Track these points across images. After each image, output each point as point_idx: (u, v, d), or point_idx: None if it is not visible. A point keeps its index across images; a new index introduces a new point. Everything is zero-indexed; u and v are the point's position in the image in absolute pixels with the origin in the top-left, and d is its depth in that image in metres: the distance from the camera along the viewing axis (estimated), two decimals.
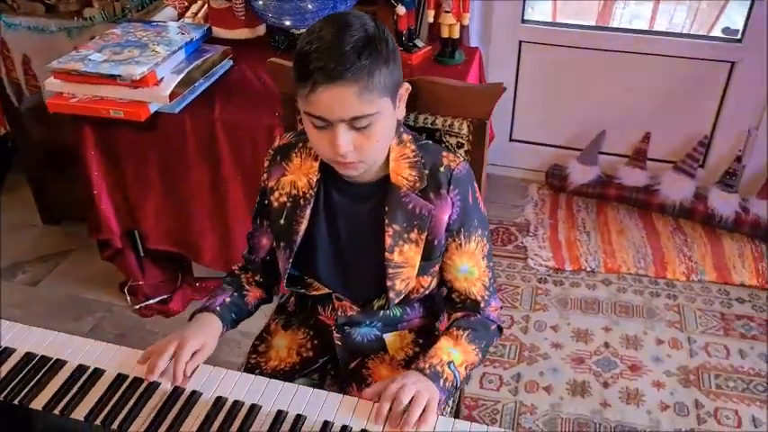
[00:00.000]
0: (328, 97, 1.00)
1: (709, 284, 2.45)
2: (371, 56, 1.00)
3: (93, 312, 2.38)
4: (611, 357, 2.17)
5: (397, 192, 1.16)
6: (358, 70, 0.99)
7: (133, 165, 2.04)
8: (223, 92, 2.01)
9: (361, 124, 1.04)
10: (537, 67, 2.75)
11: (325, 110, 1.02)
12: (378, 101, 1.03)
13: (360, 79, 1.00)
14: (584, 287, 2.45)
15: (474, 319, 1.24)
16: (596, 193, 2.82)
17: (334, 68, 0.98)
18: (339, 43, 0.99)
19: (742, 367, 2.13)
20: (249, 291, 1.33)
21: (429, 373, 1.11)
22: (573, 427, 1.96)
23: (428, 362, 1.14)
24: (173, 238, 2.16)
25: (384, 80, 1.03)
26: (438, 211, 1.16)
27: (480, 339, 1.22)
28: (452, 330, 1.21)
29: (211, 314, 1.22)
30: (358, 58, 0.99)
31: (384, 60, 1.02)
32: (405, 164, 1.16)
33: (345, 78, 0.99)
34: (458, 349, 1.18)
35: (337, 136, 1.03)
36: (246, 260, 1.36)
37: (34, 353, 1.16)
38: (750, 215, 2.61)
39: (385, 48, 1.03)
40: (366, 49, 1.00)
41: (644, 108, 2.71)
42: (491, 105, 1.29)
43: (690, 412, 1.99)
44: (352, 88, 1.00)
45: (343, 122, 1.03)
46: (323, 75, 0.99)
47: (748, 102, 2.58)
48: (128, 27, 2.05)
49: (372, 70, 1.00)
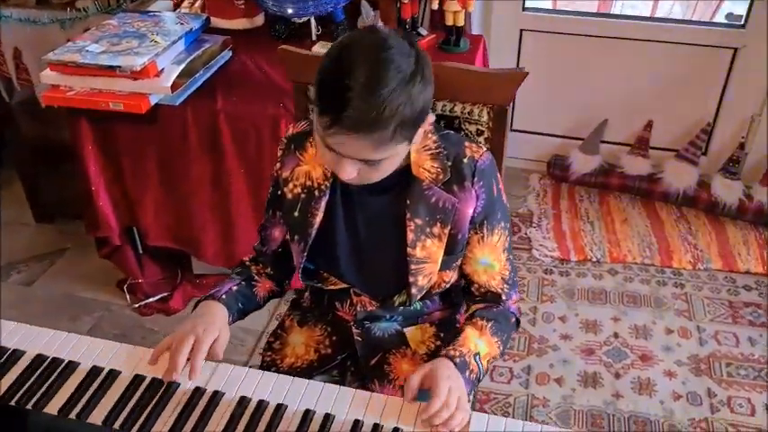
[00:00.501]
0: (345, 141, 0.95)
1: (716, 272, 2.44)
2: (400, 105, 0.93)
3: (91, 312, 2.32)
4: (622, 348, 2.15)
5: (419, 184, 1.12)
6: (382, 127, 0.93)
7: (132, 159, 1.98)
8: (224, 83, 1.95)
9: (372, 164, 1.00)
10: (538, 56, 2.71)
11: (339, 148, 0.97)
12: (394, 147, 0.99)
13: (382, 135, 0.94)
14: (590, 277, 2.42)
15: (496, 310, 1.20)
16: (599, 182, 2.79)
17: (360, 122, 0.92)
18: (372, 93, 0.91)
19: (752, 355, 2.11)
20: (259, 282, 1.28)
21: (459, 362, 1.08)
22: (586, 418, 1.93)
23: (458, 350, 1.10)
24: (173, 234, 2.11)
25: (407, 127, 0.97)
26: (462, 204, 1.12)
27: (502, 332, 1.18)
28: (476, 320, 1.17)
29: (216, 302, 1.17)
30: (383, 113, 0.92)
31: (412, 105, 0.95)
32: (426, 155, 1.12)
33: (368, 134, 0.94)
34: (483, 340, 1.14)
35: (343, 167, 1.00)
36: (257, 252, 1.31)
37: (45, 354, 1.11)
38: (754, 202, 2.60)
39: (420, 86, 0.95)
40: (399, 97, 0.92)
41: (646, 96, 2.69)
42: (513, 91, 1.25)
43: (703, 401, 1.97)
44: (372, 143, 0.95)
45: (352, 159, 0.99)
46: (347, 123, 0.92)
47: (751, 88, 2.56)
48: (124, 18, 1.99)
49: (397, 123, 0.94)
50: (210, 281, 2.38)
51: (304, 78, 1.35)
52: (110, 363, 1.11)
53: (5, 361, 1.10)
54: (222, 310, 1.17)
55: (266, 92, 1.91)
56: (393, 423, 1.00)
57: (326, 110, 0.94)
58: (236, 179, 1.93)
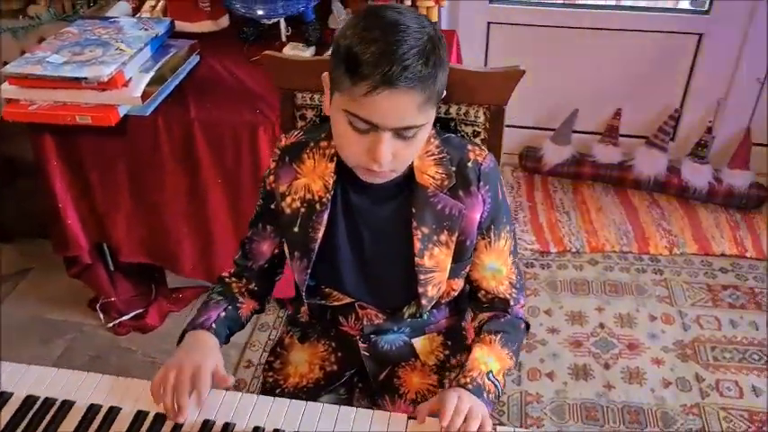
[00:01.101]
0: (388, 103, 0.91)
1: (692, 257, 2.47)
2: (436, 63, 0.92)
3: (62, 334, 2.21)
4: (608, 338, 2.15)
5: (423, 191, 1.08)
6: (426, 79, 0.91)
7: (100, 174, 1.88)
8: (194, 90, 1.87)
9: (409, 134, 0.96)
10: (506, 49, 2.70)
11: (378, 115, 0.92)
12: (431, 110, 0.97)
13: (427, 88, 0.92)
14: (571, 268, 2.43)
15: (504, 321, 1.17)
16: (571, 172, 2.80)
17: (402, 74, 0.89)
18: (403, 47, 0.89)
19: (735, 337, 2.15)
20: (243, 302, 1.21)
21: (472, 388, 1.04)
22: (581, 411, 1.93)
23: (468, 376, 1.06)
24: (148, 249, 2.02)
25: (441, 89, 0.96)
26: (469, 210, 1.09)
27: (513, 342, 1.15)
28: (484, 336, 1.14)
29: (206, 332, 1.10)
30: (425, 65, 0.90)
31: (443, 68, 0.95)
32: (429, 161, 1.08)
33: (412, 87, 0.90)
34: (493, 356, 1.11)
35: (381, 143, 0.94)
36: (240, 266, 1.23)
37: (35, 395, 1.03)
38: (723, 185, 2.65)
39: (444, 50, 0.95)
40: (432, 55, 0.92)
41: (614, 84, 2.70)
42: (510, 90, 1.21)
43: (692, 387, 1.99)
44: (415, 97, 0.91)
45: (391, 131, 0.94)
46: (387, 79, 0.89)
47: (717, 73, 2.60)
48: (83, 25, 1.88)
49: (436, 80, 0.93)
50: (187, 294, 2.30)
51: (290, 84, 1.29)
52: (107, 399, 1.03)
53: None
54: (213, 339, 1.11)
55: (240, 97, 1.83)
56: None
57: (357, 77, 0.90)
58: (213, 189, 1.85)
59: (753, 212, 2.65)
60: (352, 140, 0.97)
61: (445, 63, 0.96)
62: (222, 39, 2.15)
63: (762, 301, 2.27)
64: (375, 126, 0.93)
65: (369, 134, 0.95)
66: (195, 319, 1.14)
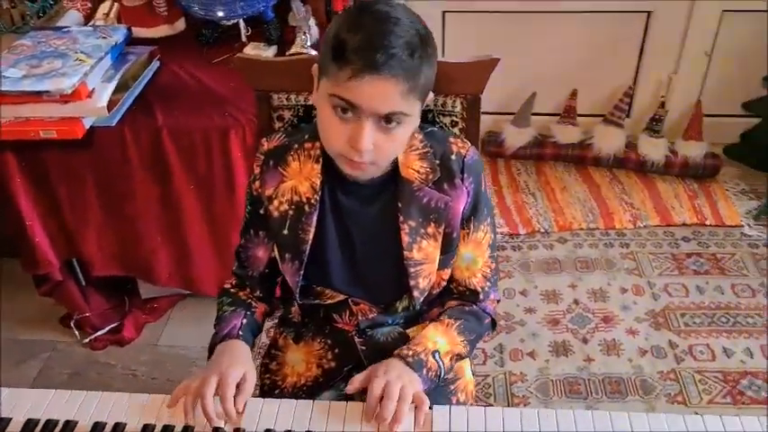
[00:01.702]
0: (373, 88, 0.92)
1: (655, 228, 2.55)
2: (422, 57, 0.95)
3: (36, 354, 2.16)
4: (584, 313, 2.21)
5: (408, 186, 1.09)
6: (411, 69, 0.93)
7: (67, 188, 1.84)
8: (158, 96, 1.85)
9: (391, 124, 0.97)
10: (462, 37, 2.73)
11: (363, 98, 0.94)
12: (415, 103, 0.98)
13: (411, 78, 0.94)
14: (542, 248, 2.48)
15: (468, 310, 1.19)
16: (533, 154, 2.86)
17: (387, 61, 0.91)
18: (391, 37, 0.92)
19: (703, 303, 2.23)
20: (255, 307, 1.22)
21: (412, 361, 1.06)
22: (564, 386, 1.98)
23: (412, 349, 1.08)
24: (121, 261, 1.99)
25: (426, 84, 0.98)
26: (454, 202, 1.11)
27: (471, 332, 1.17)
28: (443, 319, 1.16)
29: (236, 340, 1.11)
30: (411, 57, 0.93)
31: (430, 64, 0.97)
32: (414, 156, 1.10)
33: (396, 74, 0.92)
34: (445, 339, 1.13)
35: (363, 129, 0.95)
36: (240, 276, 1.24)
37: (35, 418, 1.01)
38: (678, 157, 2.73)
39: (432, 50, 0.98)
40: (419, 49, 0.94)
41: (569, 66, 2.76)
42: (485, 79, 1.23)
43: (667, 354, 2.06)
44: (399, 85, 0.93)
45: (373, 117, 0.95)
46: (372, 64, 0.91)
47: (666, 49, 2.68)
48: (37, 36, 1.83)
49: (421, 71, 0.95)
50: (162, 304, 2.27)
51: (265, 86, 1.29)
52: (111, 416, 1.02)
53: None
54: (244, 346, 1.12)
55: (207, 101, 1.82)
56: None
57: (344, 61, 0.92)
58: (186, 195, 1.83)
59: (708, 181, 2.74)
60: (334, 127, 0.98)
61: (432, 60, 0.98)
62: (180, 42, 2.12)
63: (725, 266, 2.36)
64: (357, 110, 0.95)
65: (351, 121, 0.96)
66: (219, 332, 1.14)
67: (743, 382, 1.97)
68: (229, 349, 1.09)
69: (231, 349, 1.09)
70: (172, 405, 1.01)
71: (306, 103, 1.28)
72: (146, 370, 2.10)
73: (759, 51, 2.62)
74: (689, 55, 2.68)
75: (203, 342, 1.20)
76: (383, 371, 1.02)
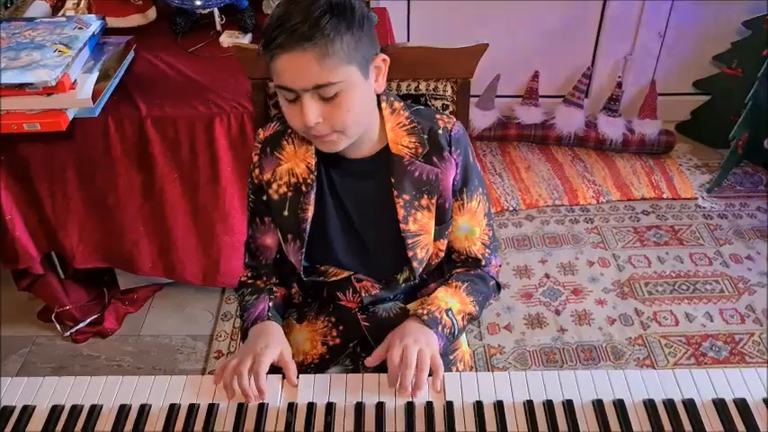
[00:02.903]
0: (288, 64, 0.98)
1: (616, 203, 2.67)
2: (331, 22, 0.97)
3: (16, 350, 2.14)
4: (555, 286, 2.32)
5: (400, 161, 1.15)
6: (317, 36, 0.96)
7: (48, 181, 1.83)
8: (137, 86, 1.85)
9: (328, 94, 1.01)
10: (427, 23, 2.78)
11: (287, 79, 1.00)
12: (341, 68, 1.00)
13: (319, 45, 0.97)
14: (511, 226, 2.57)
15: (474, 273, 1.26)
16: (498, 135, 2.94)
17: (293, 34, 0.96)
18: (301, 11, 0.97)
19: (664, 272, 2.36)
20: (276, 291, 1.27)
21: (427, 319, 1.13)
22: (540, 356, 2.08)
23: (426, 308, 1.16)
24: (103, 253, 1.99)
25: (347, 48, 0.99)
26: (444, 174, 1.16)
27: (478, 292, 1.24)
28: (451, 282, 1.24)
29: (268, 322, 1.16)
30: (316, 25, 0.96)
31: (347, 27, 0.99)
32: (402, 132, 1.15)
33: (303, 45, 0.97)
34: (455, 299, 1.20)
35: (304, 105, 1.01)
36: (254, 267, 1.29)
37: (60, 404, 1.04)
38: (635, 135, 2.86)
39: (350, 15, 1.00)
40: (327, 15, 0.97)
41: (530, 49, 2.85)
42: (475, 64, 1.30)
43: (634, 321, 2.18)
44: (310, 54, 0.97)
45: (307, 92, 1.00)
46: (283, 41, 0.97)
47: (621, 32, 2.80)
48: (9, 28, 1.81)
49: (333, 37, 0.97)
50: (142, 294, 2.27)
51: (262, 74, 1.32)
52: (134, 398, 1.05)
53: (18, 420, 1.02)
54: (275, 326, 1.16)
55: (188, 91, 1.83)
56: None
57: (265, 45, 0.99)
58: (170, 185, 1.85)
59: (663, 157, 2.88)
60: (289, 113, 1.05)
61: (354, 23, 1.00)
62: (152, 32, 2.12)
63: (682, 236, 2.50)
64: (292, 90, 1.01)
65: (296, 103, 1.02)
66: (247, 318, 1.19)
67: (704, 344, 2.10)
68: (263, 330, 1.14)
69: (264, 330, 1.14)
70: (216, 382, 1.06)
71: None
72: (131, 360, 2.11)
73: (709, 33, 2.76)
74: (643, 36, 2.80)
75: (186, 330, 1.24)
76: (399, 338, 1.08)
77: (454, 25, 2.77)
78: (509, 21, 2.79)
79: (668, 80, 2.89)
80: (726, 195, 2.68)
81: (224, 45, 2.02)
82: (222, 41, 2.03)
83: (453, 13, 2.76)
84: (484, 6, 2.75)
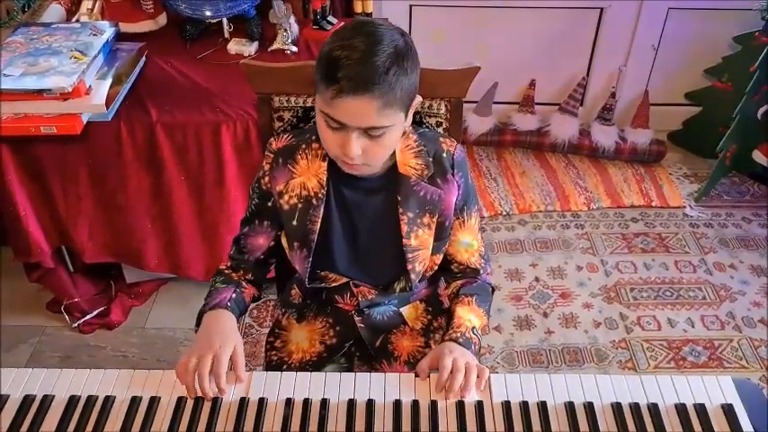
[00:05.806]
0: (352, 107, 1.05)
1: (607, 210, 2.76)
2: (397, 72, 1.04)
3: (26, 339, 2.24)
4: (544, 290, 2.41)
5: (407, 181, 1.24)
6: (384, 86, 1.04)
7: (62, 181, 1.92)
8: (149, 92, 1.94)
9: (375, 134, 1.10)
10: (429, 29, 2.87)
11: (345, 116, 1.07)
12: (394, 115, 1.09)
13: (384, 95, 1.05)
14: (504, 230, 2.66)
15: (476, 285, 1.37)
16: (494, 140, 3.03)
17: (363, 81, 1.03)
18: (371, 57, 1.03)
19: (650, 278, 2.45)
20: (245, 288, 1.34)
21: (463, 341, 1.23)
22: (528, 357, 2.18)
23: (458, 331, 1.25)
24: (112, 249, 2.08)
25: (403, 96, 1.08)
26: (447, 194, 1.26)
27: (485, 302, 1.35)
28: (462, 297, 1.33)
29: (223, 311, 1.23)
30: (386, 74, 1.03)
31: (406, 75, 1.07)
32: (410, 154, 1.24)
33: (372, 92, 1.04)
34: (473, 314, 1.30)
35: (350, 141, 1.09)
36: (236, 260, 1.36)
37: (76, 395, 1.13)
38: (628, 143, 2.95)
39: (411, 63, 1.08)
40: (394, 65, 1.04)
41: (528, 57, 2.94)
42: (467, 85, 1.39)
43: (618, 325, 2.28)
44: (375, 102, 1.05)
45: (358, 130, 1.09)
46: (351, 85, 1.03)
47: (617, 43, 2.88)
48: (28, 33, 1.89)
49: (396, 87, 1.05)
50: (147, 288, 2.37)
51: (268, 89, 1.40)
52: (145, 390, 1.15)
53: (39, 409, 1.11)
54: (231, 317, 1.24)
55: (197, 97, 1.92)
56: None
57: (329, 80, 1.04)
58: (177, 187, 1.94)
59: (654, 166, 2.97)
60: (328, 136, 1.13)
61: (410, 71, 1.08)
62: (163, 37, 2.20)
63: (669, 244, 2.59)
64: (343, 125, 1.09)
65: (340, 132, 1.10)
66: (209, 302, 1.26)
67: (685, 348, 2.20)
68: (217, 320, 1.22)
69: (219, 320, 1.22)
70: (181, 381, 1.14)
71: (304, 106, 1.40)
72: (136, 351, 2.20)
73: (701, 46, 2.84)
74: (638, 48, 2.88)
75: (189, 324, 1.31)
76: (448, 350, 1.18)
77: (455, 33, 2.86)
78: (509, 30, 2.87)
79: (661, 91, 2.97)
80: (713, 205, 2.77)
81: (231, 52, 2.11)
82: (230, 49, 2.12)
83: (455, 22, 2.84)
84: (485, 15, 2.83)
